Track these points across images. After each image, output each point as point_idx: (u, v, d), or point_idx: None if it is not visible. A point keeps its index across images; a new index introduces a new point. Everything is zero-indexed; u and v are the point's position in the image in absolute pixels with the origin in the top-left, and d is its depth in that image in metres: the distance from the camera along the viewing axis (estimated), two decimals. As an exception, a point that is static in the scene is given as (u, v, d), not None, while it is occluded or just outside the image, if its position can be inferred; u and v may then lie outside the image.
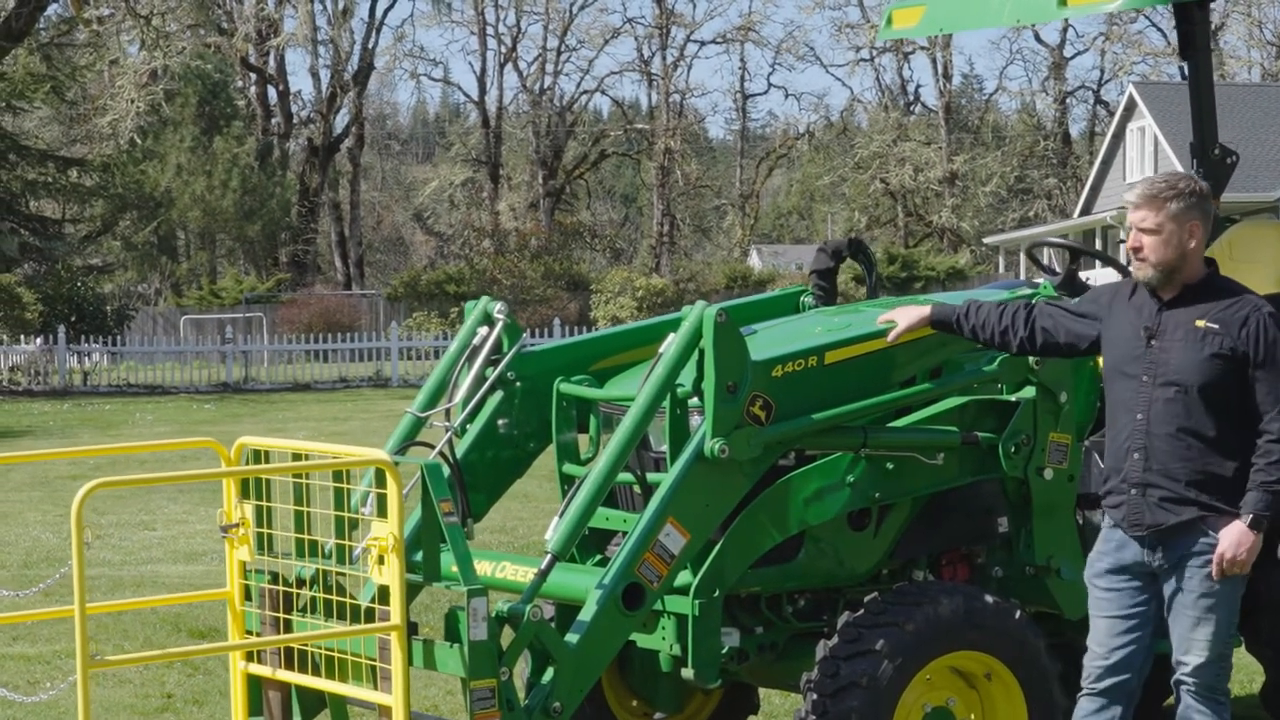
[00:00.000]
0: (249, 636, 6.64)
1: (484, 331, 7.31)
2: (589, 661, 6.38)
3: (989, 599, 6.83)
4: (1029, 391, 7.12)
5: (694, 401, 6.71)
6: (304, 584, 6.57)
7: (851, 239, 8.14)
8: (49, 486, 19.59)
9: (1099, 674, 6.38)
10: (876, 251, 62.73)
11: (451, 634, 6.14)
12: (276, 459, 6.59)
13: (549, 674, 6.32)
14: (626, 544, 6.48)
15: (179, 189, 65.06)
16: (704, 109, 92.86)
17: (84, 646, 5.60)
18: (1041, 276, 7.87)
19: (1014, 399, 7.14)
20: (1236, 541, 6.17)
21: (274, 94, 71.98)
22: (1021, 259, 54.94)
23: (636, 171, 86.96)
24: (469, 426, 7.26)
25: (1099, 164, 59.50)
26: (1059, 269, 7.90)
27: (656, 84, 76.38)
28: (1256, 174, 48.02)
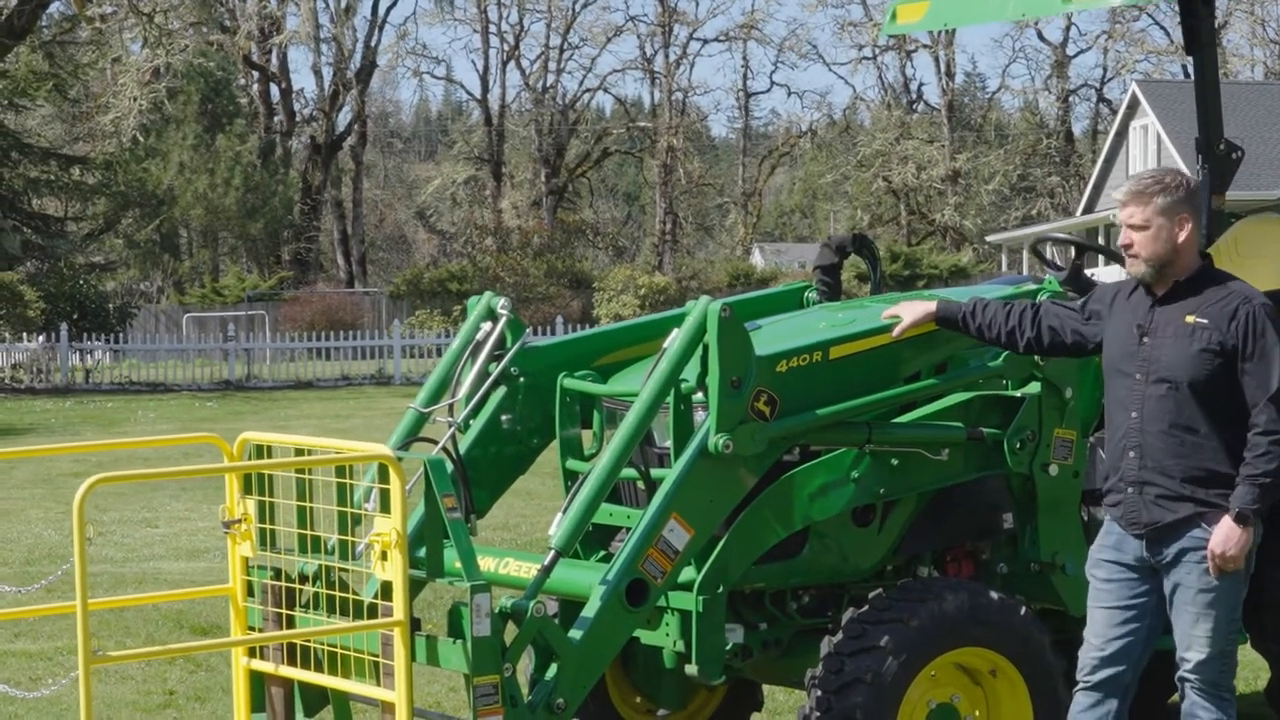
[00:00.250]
0: (251, 632, 6.62)
1: (487, 327, 7.29)
2: (592, 658, 6.35)
3: (994, 595, 6.81)
4: (1034, 387, 7.10)
5: (698, 397, 6.68)
6: (307, 580, 6.56)
7: (855, 234, 8.11)
8: (51, 483, 19.57)
9: (1094, 666, 6.37)
10: (880, 250, 62.99)
11: (455, 630, 6.12)
12: (279, 454, 6.56)
13: (552, 670, 6.29)
14: (630, 540, 6.46)
15: (181, 187, 65.07)
16: (706, 107, 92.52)
17: (86, 642, 5.58)
18: (1046, 272, 7.85)
19: (1019, 395, 7.12)
20: (1225, 537, 6.14)
21: (276, 92, 72.01)
22: (1024, 257, 54.94)
23: (639, 170, 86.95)
24: (472, 422, 7.24)
25: (1102, 162, 59.46)
26: (1063, 265, 7.88)
27: (659, 82, 76.39)
28: (1260, 172, 48.02)
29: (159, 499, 18.10)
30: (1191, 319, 6.24)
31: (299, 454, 6.47)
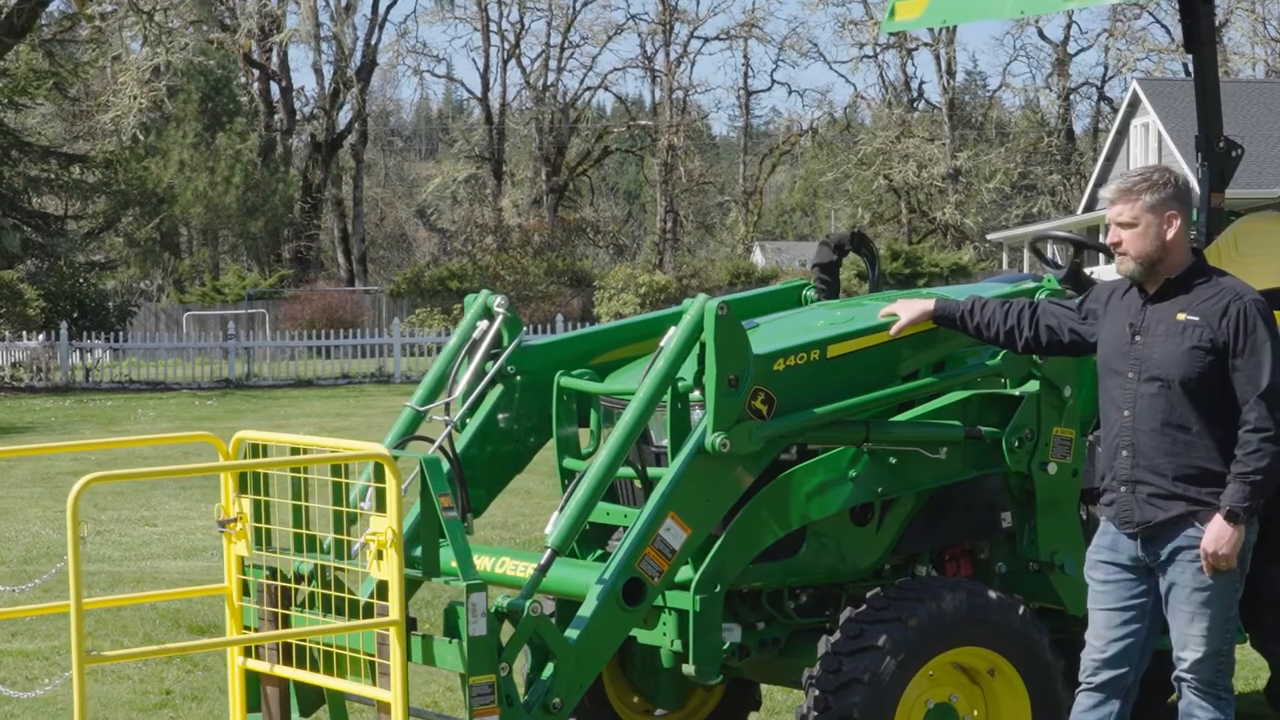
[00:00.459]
0: (247, 632, 6.60)
1: (484, 325, 7.27)
2: (589, 657, 6.33)
3: (992, 594, 6.79)
4: (1033, 386, 7.07)
5: (695, 395, 6.66)
6: (302, 579, 6.53)
7: (854, 232, 8.09)
8: (50, 482, 19.54)
9: (1095, 668, 6.35)
10: (881, 248, 62.45)
11: (451, 629, 6.10)
12: (275, 453, 6.54)
13: (549, 670, 6.27)
14: (627, 539, 6.43)
15: (181, 185, 65.01)
16: (707, 105, 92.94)
17: (80, 642, 5.56)
18: (1045, 270, 7.83)
19: (1018, 393, 7.10)
20: (1216, 536, 6.11)
21: (277, 90, 71.95)
22: (1025, 255, 54.91)
23: (640, 168, 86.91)
24: (469, 421, 7.22)
25: (1103, 160, 59.41)
26: (1063, 263, 7.86)
27: (660, 80, 76.37)
28: (1261, 170, 47.99)
29: (157, 497, 18.07)
30: (1183, 316, 6.22)
31: (294, 453, 6.45)
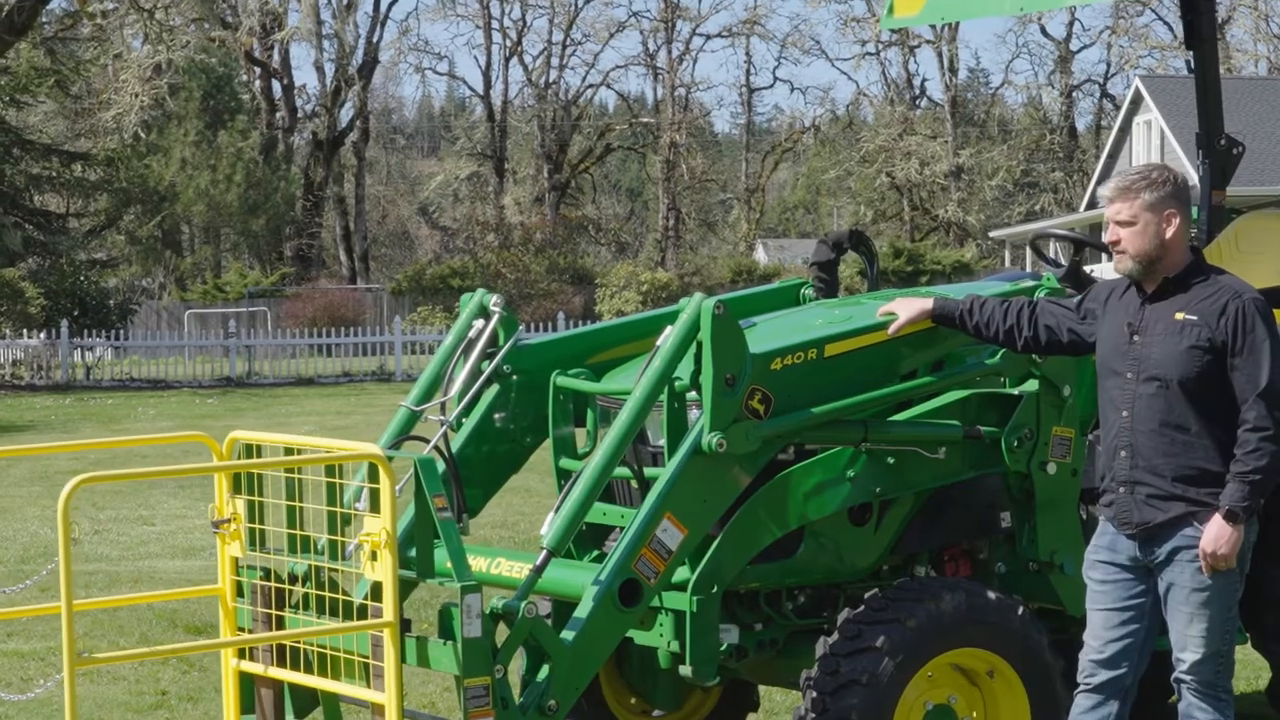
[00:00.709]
0: (241, 633, 6.55)
1: (480, 324, 7.23)
2: (585, 659, 6.29)
3: (991, 595, 6.75)
4: (1032, 385, 7.03)
5: (692, 395, 6.61)
6: (297, 580, 6.49)
7: (852, 230, 8.05)
8: (48, 481, 19.50)
9: (1094, 669, 6.31)
10: (883, 245, 62.40)
11: (445, 631, 6.06)
12: (269, 454, 6.50)
13: (544, 671, 6.24)
14: (623, 539, 6.39)
15: (183, 183, 65.00)
16: (709, 103, 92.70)
17: (71, 644, 5.51)
18: (1045, 269, 7.79)
19: (1017, 392, 7.05)
20: (1216, 536, 6.07)
21: (278, 88, 71.91)
22: (1027, 253, 54.87)
23: (642, 165, 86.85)
24: (464, 421, 7.18)
25: (1105, 157, 59.32)
26: (1064, 262, 7.82)
27: (662, 78, 76.31)
28: (1263, 167, 47.93)
29: (156, 496, 18.04)
30: (1181, 316, 6.18)
31: (288, 453, 6.40)
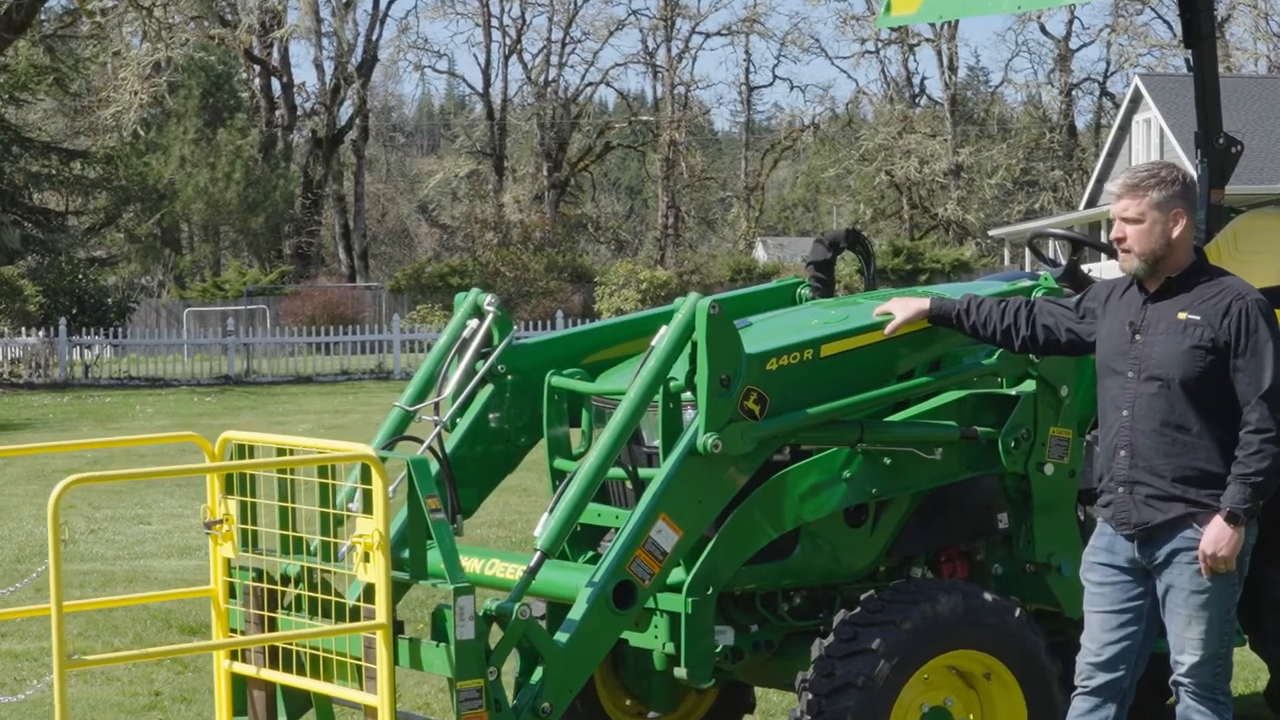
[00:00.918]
0: (234, 635, 6.51)
1: (474, 324, 7.19)
2: (579, 661, 6.25)
3: (988, 597, 6.71)
4: (1029, 385, 7.00)
5: (687, 395, 6.57)
6: (289, 581, 6.45)
7: (849, 230, 8.02)
8: (45, 479, 19.45)
9: (1091, 672, 6.27)
10: (882, 244, 62.21)
11: (438, 633, 6.02)
12: (261, 454, 6.46)
13: (538, 673, 6.19)
14: (618, 541, 6.36)
15: (182, 181, 64.97)
16: (709, 101, 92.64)
17: (60, 646, 5.47)
18: (1043, 268, 7.75)
19: (1014, 393, 7.02)
20: (1216, 538, 6.03)
21: (278, 86, 71.90)
22: (1026, 252, 54.81)
23: (641, 164, 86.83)
24: (459, 421, 7.14)
25: (1104, 156, 59.30)
26: (1061, 261, 7.79)
27: (661, 76, 76.29)
28: (1262, 165, 47.90)
29: (152, 495, 18.00)
30: (1184, 315, 6.14)
31: (281, 454, 6.36)
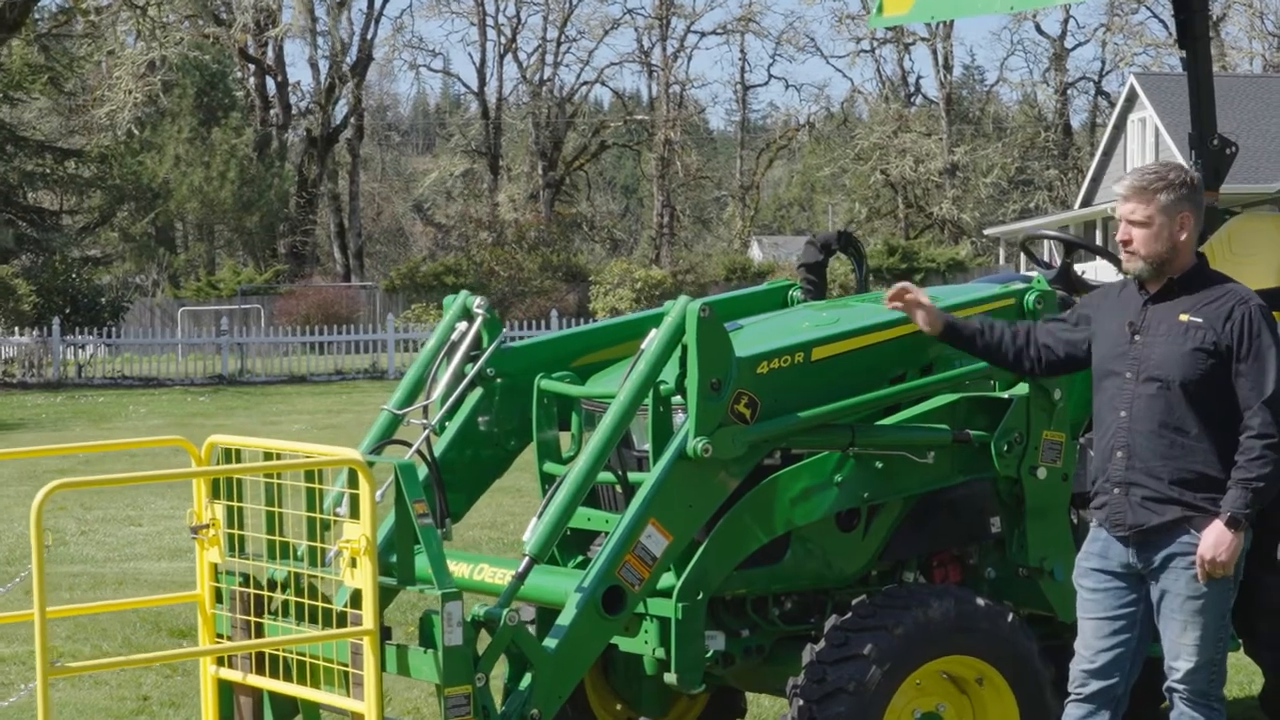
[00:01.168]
0: (220, 640, 6.46)
1: (463, 326, 7.14)
2: (568, 666, 6.20)
3: (980, 602, 6.66)
4: (1022, 388, 6.94)
5: (677, 399, 6.52)
6: (276, 586, 6.40)
7: (841, 232, 7.97)
8: (37, 480, 19.19)
9: (1084, 678, 6.23)
10: (877, 243, 62.08)
11: (426, 639, 5.97)
12: (248, 458, 6.41)
13: (527, 680, 6.15)
14: (607, 546, 6.31)
15: (177, 180, 64.92)
16: (704, 100, 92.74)
17: (44, 652, 5.42)
18: (1035, 270, 7.71)
19: (1006, 396, 6.96)
20: (1215, 542, 5.98)
21: (272, 85, 71.83)
22: (1020, 252, 54.87)
23: (637, 163, 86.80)
24: (448, 424, 7.09)
25: (1100, 155, 59.29)
26: (1055, 262, 7.75)
27: (656, 75, 76.26)
28: (1257, 165, 47.86)
29: (143, 496, 17.95)
30: (1185, 318, 6.10)
31: (268, 458, 6.31)
